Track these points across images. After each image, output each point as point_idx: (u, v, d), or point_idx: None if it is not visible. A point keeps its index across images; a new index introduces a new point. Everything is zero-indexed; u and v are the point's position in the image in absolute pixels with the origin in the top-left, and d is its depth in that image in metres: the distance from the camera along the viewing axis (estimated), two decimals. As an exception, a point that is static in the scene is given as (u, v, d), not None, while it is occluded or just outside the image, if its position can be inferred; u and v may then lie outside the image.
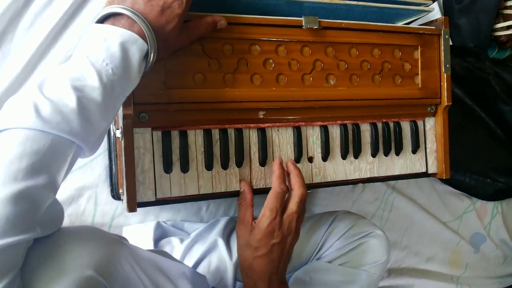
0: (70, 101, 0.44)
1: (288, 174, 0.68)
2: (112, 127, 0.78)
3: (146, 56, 0.53)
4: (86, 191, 0.87)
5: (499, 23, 1.21)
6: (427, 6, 0.79)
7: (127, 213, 0.90)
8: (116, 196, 0.87)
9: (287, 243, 0.63)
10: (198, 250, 0.84)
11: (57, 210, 0.47)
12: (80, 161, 0.84)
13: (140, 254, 0.54)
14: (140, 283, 0.51)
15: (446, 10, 1.26)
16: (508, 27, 1.21)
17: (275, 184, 0.65)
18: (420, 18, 0.85)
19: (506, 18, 1.20)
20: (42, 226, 0.42)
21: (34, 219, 0.41)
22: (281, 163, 0.67)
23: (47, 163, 0.43)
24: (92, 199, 0.87)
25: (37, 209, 0.41)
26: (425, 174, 0.85)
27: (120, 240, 0.51)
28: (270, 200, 0.63)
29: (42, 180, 0.42)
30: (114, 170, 0.85)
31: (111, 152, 0.85)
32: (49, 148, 0.43)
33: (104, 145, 0.86)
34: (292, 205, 0.64)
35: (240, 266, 0.66)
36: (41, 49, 0.81)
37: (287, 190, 0.65)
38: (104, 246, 0.47)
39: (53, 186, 0.44)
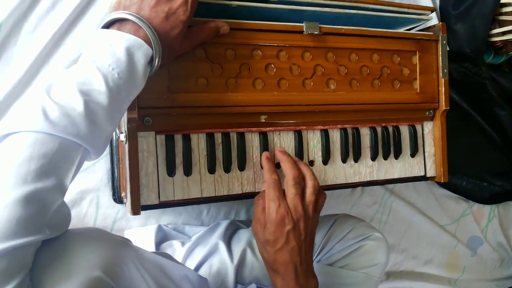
0: (78, 105, 0.45)
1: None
2: (115, 130, 0.79)
3: (151, 61, 0.54)
4: (88, 195, 0.87)
5: (494, 28, 1.22)
6: (427, 15, 0.81)
7: (128, 217, 0.91)
8: (117, 199, 0.88)
9: (301, 227, 0.63)
10: (199, 253, 0.84)
11: (65, 212, 0.47)
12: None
13: (144, 256, 0.55)
14: (145, 284, 0.52)
15: (442, 16, 1.28)
16: (503, 33, 1.22)
17: (266, 176, 0.66)
18: (418, 26, 0.87)
19: (502, 24, 1.22)
20: (50, 228, 0.43)
21: (43, 221, 0.42)
22: (267, 158, 0.69)
23: (56, 165, 0.43)
24: (93, 202, 0.88)
25: (46, 211, 0.42)
26: (423, 178, 0.86)
27: (125, 242, 0.52)
28: (269, 192, 0.64)
29: (50, 182, 0.42)
30: (116, 173, 0.85)
31: (113, 156, 0.86)
32: (57, 151, 0.43)
33: (106, 149, 0.86)
34: (290, 189, 0.64)
35: (266, 265, 0.66)
36: (44, 53, 0.82)
37: (279, 178, 0.66)
38: (110, 248, 0.47)
39: (62, 189, 0.44)
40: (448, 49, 0.83)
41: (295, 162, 0.68)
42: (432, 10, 0.82)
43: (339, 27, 0.73)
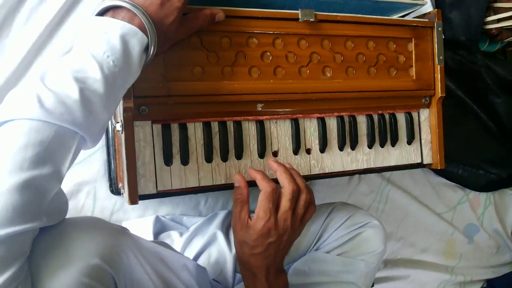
0: (73, 92, 0.45)
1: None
2: (111, 121, 0.78)
3: (146, 49, 0.53)
4: (84, 186, 0.87)
5: (489, 16, 1.22)
6: (422, 0, 0.81)
7: (126, 208, 0.91)
8: (115, 191, 0.87)
9: (283, 240, 0.63)
10: (197, 243, 0.84)
11: (62, 201, 0.47)
12: (78, 156, 0.84)
13: (143, 244, 0.55)
14: (144, 272, 0.52)
15: (437, 3, 1.27)
16: (498, 20, 1.22)
17: (261, 185, 0.62)
18: (413, 12, 0.87)
19: (497, 11, 1.22)
20: (48, 216, 0.43)
21: (40, 208, 0.42)
22: (253, 170, 0.66)
23: (52, 153, 0.43)
24: (91, 194, 0.88)
25: (43, 198, 0.42)
26: (420, 165, 0.86)
27: (124, 230, 0.52)
28: (262, 202, 0.61)
29: (47, 170, 0.42)
30: (112, 165, 0.85)
31: (109, 147, 0.86)
32: (53, 139, 0.43)
33: (102, 140, 0.86)
34: (284, 203, 0.62)
35: (238, 259, 0.66)
36: (37, 44, 0.81)
37: (276, 187, 0.63)
38: (109, 236, 0.47)
39: (58, 176, 0.44)
40: (443, 37, 0.83)
41: (292, 175, 0.65)
42: None
43: (334, 14, 0.73)
